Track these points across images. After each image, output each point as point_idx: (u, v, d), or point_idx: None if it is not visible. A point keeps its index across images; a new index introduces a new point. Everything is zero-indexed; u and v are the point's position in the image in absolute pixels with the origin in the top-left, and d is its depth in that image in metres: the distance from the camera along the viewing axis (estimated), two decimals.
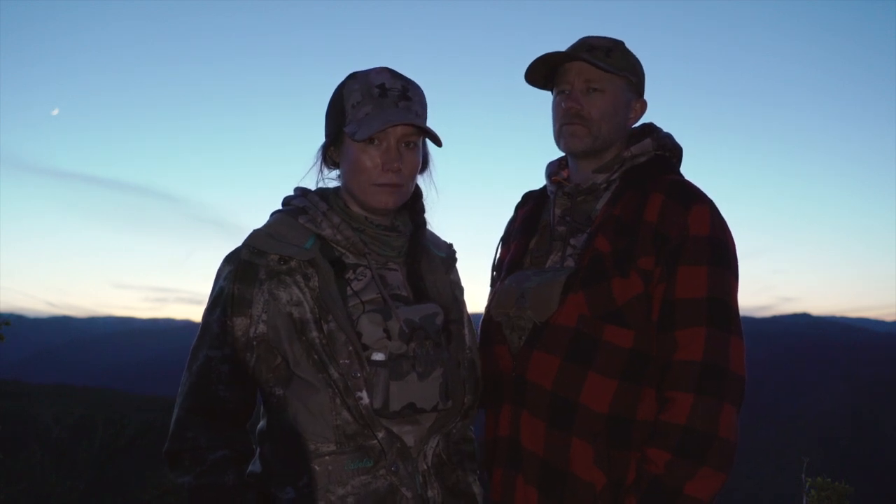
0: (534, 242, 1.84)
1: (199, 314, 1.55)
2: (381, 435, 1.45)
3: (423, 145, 1.61)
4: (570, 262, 1.72)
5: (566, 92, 1.77)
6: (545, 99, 1.86)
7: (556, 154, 1.92)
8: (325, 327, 1.46)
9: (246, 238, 1.53)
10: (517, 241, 1.88)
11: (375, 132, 1.47)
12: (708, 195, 1.69)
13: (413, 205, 1.67)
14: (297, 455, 1.46)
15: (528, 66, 1.77)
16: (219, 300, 1.50)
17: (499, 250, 1.96)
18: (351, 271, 1.54)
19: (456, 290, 1.71)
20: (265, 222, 1.57)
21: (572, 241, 1.75)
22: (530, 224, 1.88)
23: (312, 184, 1.64)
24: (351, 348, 1.45)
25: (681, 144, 1.84)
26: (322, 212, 1.56)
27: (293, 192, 1.65)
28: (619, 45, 1.77)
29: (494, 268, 1.94)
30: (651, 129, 1.86)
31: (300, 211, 1.57)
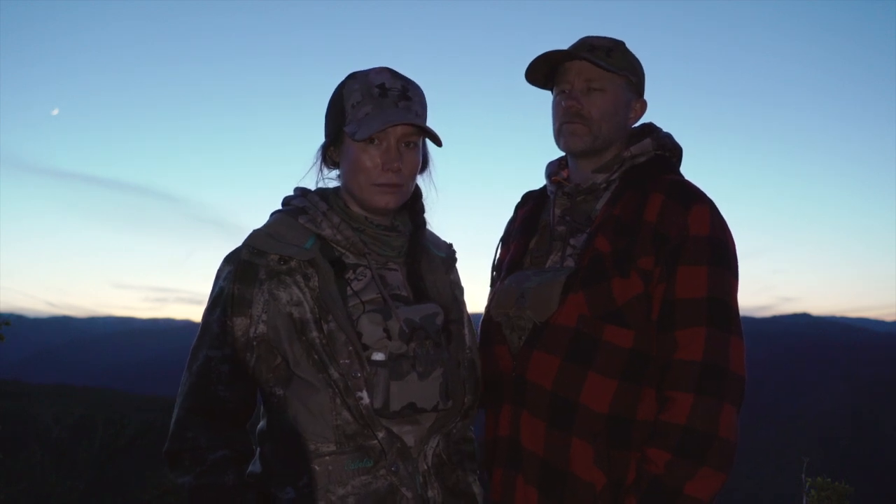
0: (534, 242, 1.84)
1: (199, 314, 1.55)
2: (381, 435, 1.45)
3: (423, 145, 1.61)
4: (570, 262, 1.72)
5: (566, 91, 1.77)
6: (545, 99, 1.86)
7: (556, 154, 1.92)
8: (326, 327, 1.45)
9: (246, 238, 1.52)
10: (517, 241, 1.88)
11: (375, 132, 1.47)
12: (708, 195, 1.69)
13: (413, 205, 1.67)
14: (298, 455, 1.46)
15: (529, 64, 1.77)
16: (219, 300, 1.50)
17: (499, 250, 1.96)
18: (351, 271, 1.54)
19: (456, 289, 1.71)
20: (265, 222, 1.57)
21: (572, 241, 1.75)
22: (530, 224, 1.88)
23: (312, 184, 1.64)
24: (351, 348, 1.45)
25: (681, 144, 1.84)
26: (322, 212, 1.56)
27: (293, 192, 1.65)
28: (619, 45, 1.78)
29: (494, 268, 1.94)
30: (651, 128, 1.86)
31: (300, 211, 1.57)
